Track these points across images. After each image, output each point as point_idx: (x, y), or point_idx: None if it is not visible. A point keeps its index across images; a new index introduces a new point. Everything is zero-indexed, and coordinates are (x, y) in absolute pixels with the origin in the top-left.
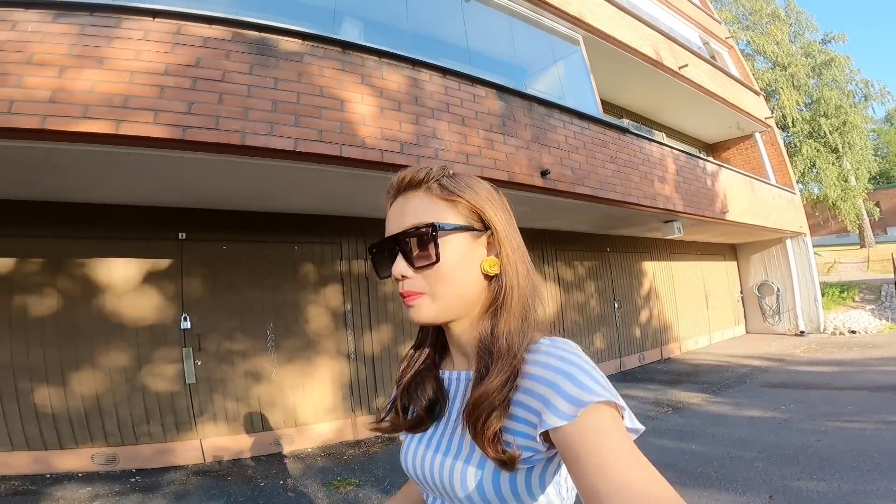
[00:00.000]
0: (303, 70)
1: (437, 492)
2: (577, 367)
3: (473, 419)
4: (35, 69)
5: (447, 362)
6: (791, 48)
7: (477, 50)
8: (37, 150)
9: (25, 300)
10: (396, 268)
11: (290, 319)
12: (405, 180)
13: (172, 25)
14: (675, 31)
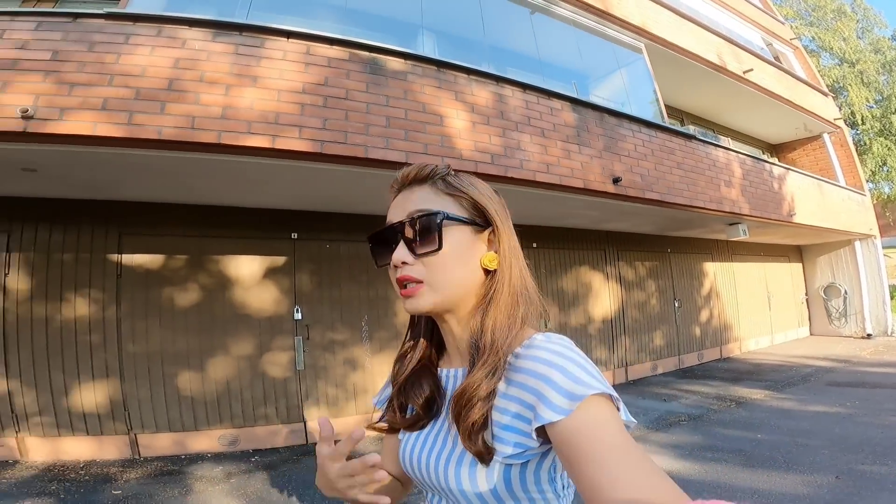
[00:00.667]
0: (407, 88)
1: (435, 489)
2: (569, 360)
3: (455, 412)
4: (207, 87)
5: (444, 360)
6: (859, 44)
7: (546, 60)
8: (184, 161)
9: (173, 292)
10: (398, 254)
11: (381, 312)
12: (410, 175)
13: (303, 46)
14: (737, 34)
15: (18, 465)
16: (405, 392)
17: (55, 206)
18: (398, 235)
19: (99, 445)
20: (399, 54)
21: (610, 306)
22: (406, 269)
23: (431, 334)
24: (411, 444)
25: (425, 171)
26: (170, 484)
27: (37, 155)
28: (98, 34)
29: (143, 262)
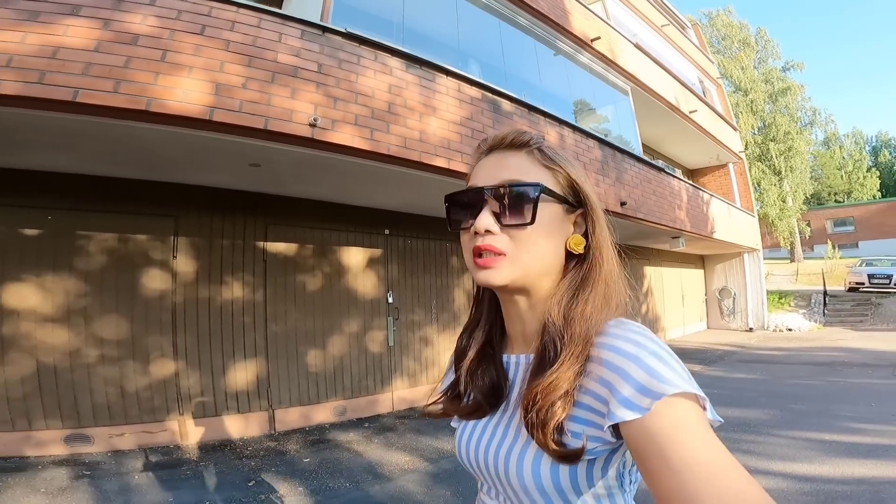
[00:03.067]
0: (514, 126)
1: (493, 481)
2: (647, 352)
3: (535, 410)
4: (409, 112)
5: (505, 344)
6: (754, 74)
7: (554, 93)
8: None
9: (304, 277)
10: (484, 220)
11: (445, 298)
12: (507, 139)
13: (455, 83)
14: (680, 71)
15: (180, 448)
16: (469, 378)
17: (214, 195)
18: (485, 201)
19: (245, 423)
20: (508, 97)
21: None
22: (489, 238)
23: (496, 315)
24: (468, 434)
25: (524, 137)
26: (334, 449)
27: (267, 152)
28: (342, 52)
29: (283, 249)
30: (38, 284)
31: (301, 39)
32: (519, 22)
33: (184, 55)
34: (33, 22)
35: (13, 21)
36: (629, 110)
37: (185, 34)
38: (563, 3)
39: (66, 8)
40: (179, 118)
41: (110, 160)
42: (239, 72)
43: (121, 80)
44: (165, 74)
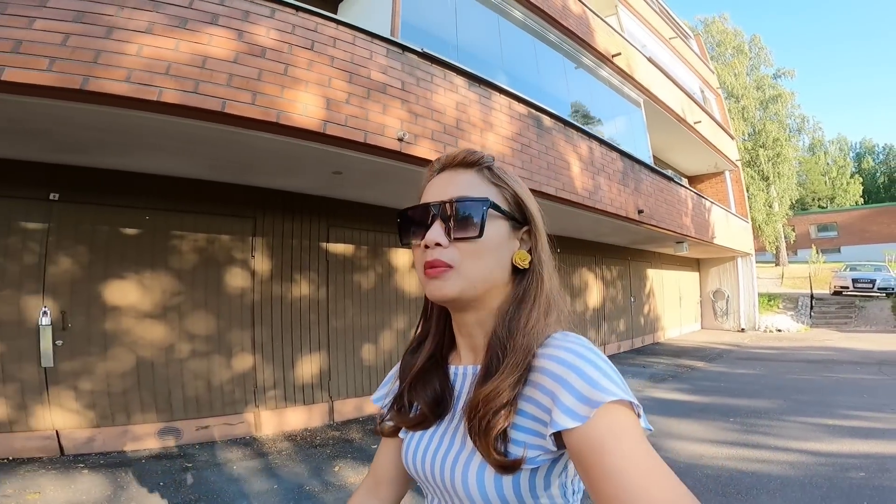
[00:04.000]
0: (553, 140)
1: (439, 491)
2: (587, 362)
3: (478, 418)
4: (472, 128)
5: (454, 356)
6: (746, 81)
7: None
8: None
9: (360, 276)
10: (433, 234)
11: None
12: (458, 158)
13: (507, 101)
14: (684, 81)
15: (257, 440)
16: (413, 389)
17: (287, 198)
18: (434, 216)
19: (309, 414)
20: (549, 114)
21: (596, 299)
22: (438, 252)
23: (444, 328)
24: (415, 444)
25: (474, 156)
26: None
27: (352, 161)
28: (419, 70)
29: (342, 250)
30: (137, 281)
31: (387, 57)
32: (549, 38)
33: (300, 70)
34: (183, 29)
35: (166, 27)
36: (641, 121)
37: (300, 49)
38: (588, 21)
39: (206, 16)
40: (301, 130)
41: (209, 164)
42: (343, 87)
43: (256, 92)
44: (289, 88)
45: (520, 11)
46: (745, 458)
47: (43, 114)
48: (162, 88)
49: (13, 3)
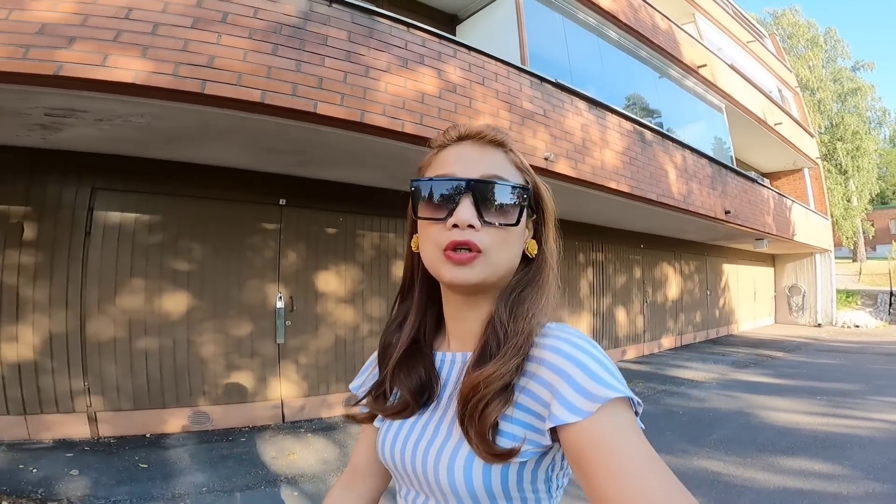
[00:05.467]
0: (654, 152)
1: (417, 483)
2: (590, 357)
3: (473, 402)
4: (593, 145)
5: (439, 342)
6: (822, 74)
7: (666, 115)
8: None
9: None
10: (465, 213)
11: (574, 287)
12: (485, 134)
13: (617, 119)
14: (763, 83)
15: None
16: (394, 376)
17: (373, 195)
18: (465, 193)
19: None
20: (650, 128)
21: (674, 291)
22: (469, 233)
23: (426, 310)
24: (393, 433)
25: (500, 135)
26: None
27: None
28: (553, 98)
29: None
30: (335, 272)
31: (531, 88)
32: (640, 55)
33: (479, 102)
34: (405, 68)
35: (397, 66)
36: (724, 125)
37: (476, 84)
38: (674, 35)
39: (417, 56)
40: None
41: (389, 175)
42: (506, 116)
43: (455, 123)
44: (473, 119)
45: (615, 32)
46: (836, 424)
47: (301, 138)
48: (404, 121)
49: (309, 41)
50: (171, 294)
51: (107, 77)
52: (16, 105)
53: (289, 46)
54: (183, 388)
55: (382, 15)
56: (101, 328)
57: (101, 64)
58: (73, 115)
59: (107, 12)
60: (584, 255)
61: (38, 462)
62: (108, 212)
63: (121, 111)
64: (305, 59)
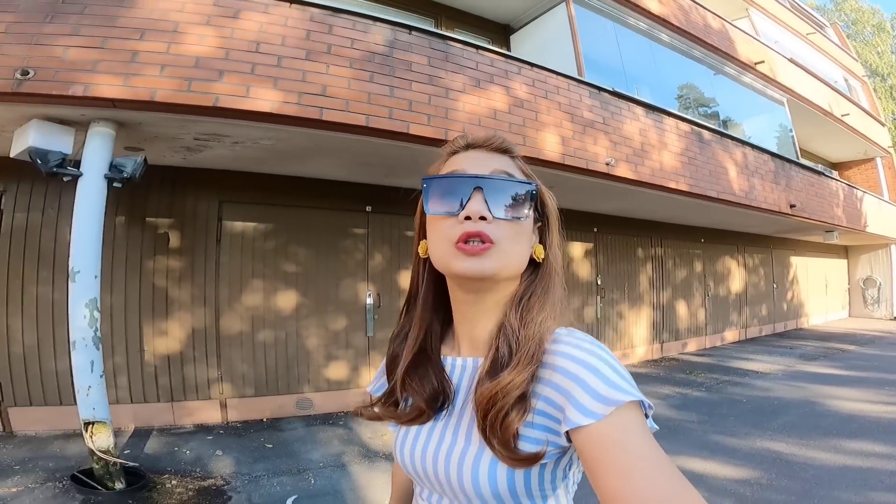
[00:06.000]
0: (713, 150)
1: (439, 487)
2: (602, 362)
3: (491, 417)
4: (652, 149)
5: (448, 347)
6: (892, 59)
7: (724, 109)
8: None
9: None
10: (477, 205)
11: (634, 281)
12: (492, 141)
13: (674, 122)
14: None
15: None
16: (406, 383)
17: None
18: (475, 189)
19: None
20: (708, 128)
21: (738, 285)
22: (481, 225)
23: (432, 316)
24: (412, 439)
25: (507, 143)
26: None
27: (564, 179)
28: (611, 106)
29: None
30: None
31: (590, 98)
32: (694, 54)
33: (543, 115)
34: (478, 88)
35: (471, 87)
36: (787, 118)
37: (541, 98)
38: (728, 33)
39: (487, 76)
40: (548, 162)
41: None
42: (569, 126)
43: (524, 136)
44: (540, 131)
45: (666, 35)
46: None
47: (391, 153)
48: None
49: (397, 67)
50: (284, 293)
51: (251, 107)
52: (174, 131)
53: (382, 73)
54: (293, 377)
55: (454, 39)
56: (231, 323)
57: (246, 95)
58: (217, 139)
59: (242, 46)
60: (642, 251)
61: (188, 444)
62: (234, 222)
63: (254, 135)
64: (396, 85)
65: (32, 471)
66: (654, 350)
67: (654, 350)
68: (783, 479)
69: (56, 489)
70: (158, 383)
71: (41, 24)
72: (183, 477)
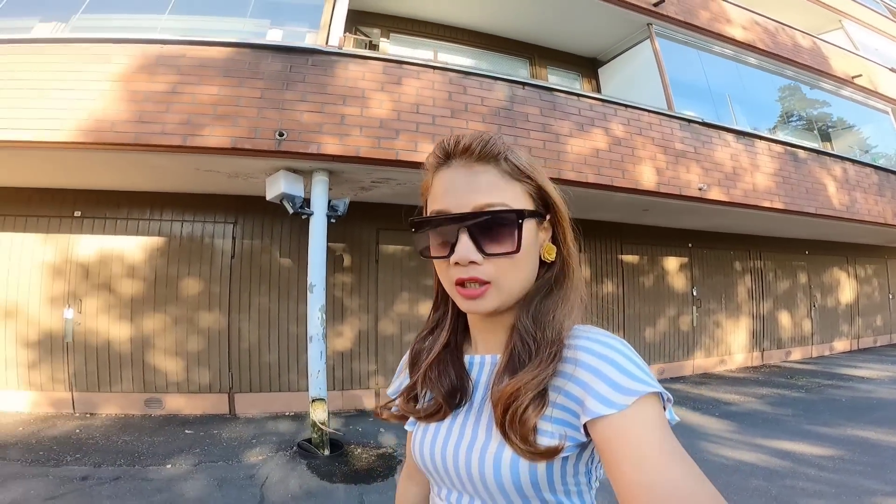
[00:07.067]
0: (809, 168)
1: (460, 484)
2: (622, 355)
3: (510, 413)
4: (745, 172)
5: (468, 345)
6: None
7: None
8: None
9: (643, 279)
10: (465, 251)
11: (733, 292)
12: (473, 150)
13: (766, 144)
14: None
15: None
16: (426, 379)
17: (595, 225)
18: (463, 229)
19: None
20: (803, 148)
21: (848, 295)
22: (472, 270)
23: (458, 315)
24: (431, 436)
25: (493, 148)
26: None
27: (659, 204)
28: (702, 136)
29: (631, 260)
30: None
31: (681, 130)
32: (786, 73)
33: (639, 150)
34: (581, 131)
35: (576, 130)
36: (892, 127)
37: (636, 135)
38: (820, 50)
39: (587, 120)
40: (644, 191)
41: None
42: (662, 158)
43: (623, 170)
44: (637, 164)
45: (754, 58)
46: None
47: None
48: (587, 174)
49: (518, 119)
50: (424, 302)
51: (418, 159)
52: (360, 177)
53: (507, 125)
54: None
55: (559, 90)
56: (385, 327)
57: (414, 150)
58: (386, 181)
59: (407, 108)
60: (740, 263)
61: (358, 424)
62: (387, 245)
63: (413, 178)
64: (518, 134)
65: (265, 444)
66: (753, 357)
67: (755, 357)
68: (864, 457)
69: (286, 456)
70: (335, 375)
71: (282, 91)
72: (364, 447)
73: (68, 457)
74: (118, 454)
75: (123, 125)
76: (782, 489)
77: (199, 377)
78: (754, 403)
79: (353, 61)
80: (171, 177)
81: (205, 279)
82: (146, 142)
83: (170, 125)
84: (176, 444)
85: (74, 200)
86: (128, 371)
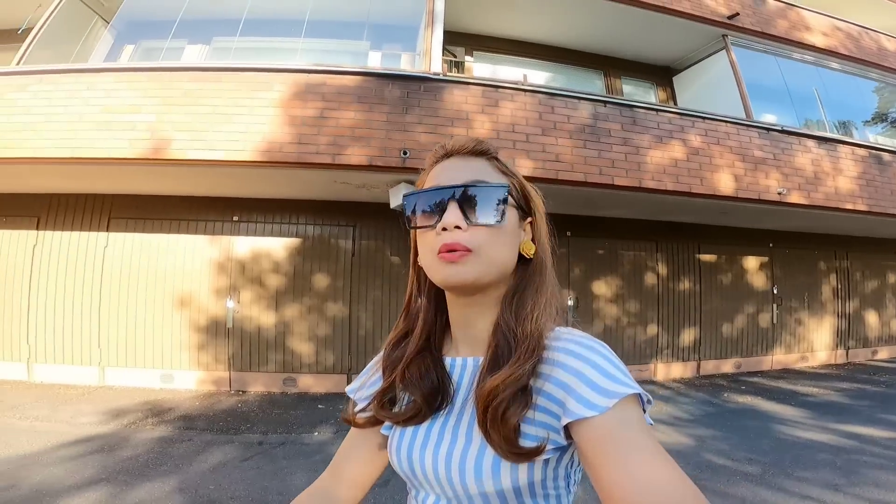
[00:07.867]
0: (894, 171)
1: (438, 488)
2: (602, 357)
3: (491, 410)
4: (825, 175)
5: (447, 348)
6: None
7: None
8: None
9: (720, 276)
10: (452, 216)
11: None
12: (467, 146)
13: (849, 148)
14: None
15: (654, 382)
16: (404, 381)
17: (673, 226)
18: (450, 199)
19: (683, 368)
20: (888, 151)
21: None
22: (457, 234)
23: (434, 319)
24: (408, 440)
25: (483, 145)
26: (749, 385)
27: (736, 207)
28: (781, 142)
29: (708, 259)
30: (604, 281)
31: (759, 139)
32: (871, 76)
33: (717, 159)
34: (660, 143)
35: (655, 143)
36: None
37: (713, 145)
38: None
39: (666, 133)
40: (721, 196)
41: (651, 213)
42: (740, 165)
43: (701, 177)
44: (714, 172)
45: (837, 63)
46: None
47: (594, 194)
48: (666, 182)
49: (601, 134)
50: None
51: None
52: None
53: (591, 140)
54: None
55: (638, 105)
56: None
57: (513, 165)
58: None
59: (504, 128)
60: (824, 263)
61: None
62: None
63: None
64: (602, 148)
65: None
66: (837, 355)
67: (839, 355)
68: None
69: None
70: None
71: (403, 115)
72: None
73: (242, 427)
74: (276, 424)
75: (289, 146)
76: (847, 461)
77: (326, 359)
78: (831, 396)
79: (456, 87)
80: (311, 187)
81: (330, 274)
82: (306, 160)
83: (322, 146)
84: (315, 416)
85: (233, 207)
86: (272, 353)
